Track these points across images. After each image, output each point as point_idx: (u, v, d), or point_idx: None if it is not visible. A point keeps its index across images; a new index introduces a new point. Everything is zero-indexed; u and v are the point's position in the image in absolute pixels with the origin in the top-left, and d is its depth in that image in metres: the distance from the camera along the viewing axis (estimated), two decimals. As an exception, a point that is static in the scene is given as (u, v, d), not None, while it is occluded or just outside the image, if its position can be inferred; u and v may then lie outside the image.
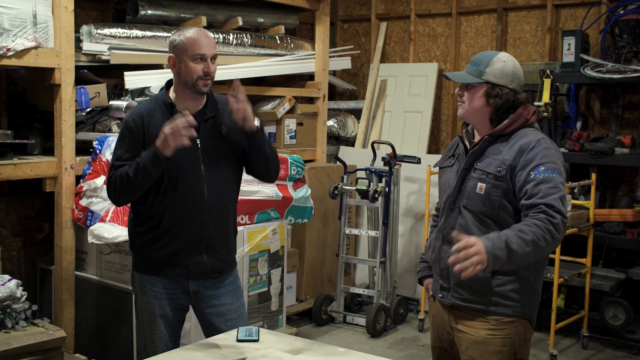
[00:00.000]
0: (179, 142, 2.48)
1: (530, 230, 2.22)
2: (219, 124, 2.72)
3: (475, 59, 2.49)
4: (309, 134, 5.75)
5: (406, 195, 5.65)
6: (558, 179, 2.30)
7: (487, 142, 2.44)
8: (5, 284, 3.65)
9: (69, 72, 3.92)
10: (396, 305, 5.14)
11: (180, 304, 2.78)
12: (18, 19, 3.66)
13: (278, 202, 4.35)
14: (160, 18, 4.83)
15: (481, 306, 2.42)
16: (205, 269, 2.72)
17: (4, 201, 4.39)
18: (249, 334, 2.40)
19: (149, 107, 2.71)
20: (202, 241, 2.70)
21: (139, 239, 2.76)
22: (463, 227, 2.43)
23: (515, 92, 2.44)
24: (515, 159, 2.36)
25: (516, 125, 2.42)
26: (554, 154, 2.36)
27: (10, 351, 3.33)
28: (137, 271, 2.81)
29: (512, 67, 2.45)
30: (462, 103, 2.49)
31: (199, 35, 2.64)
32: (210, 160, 2.69)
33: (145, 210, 2.71)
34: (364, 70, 6.72)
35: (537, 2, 5.64)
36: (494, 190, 2.37)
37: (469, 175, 2.45)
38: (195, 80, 2.61)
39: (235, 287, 2.85)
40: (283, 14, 5.68)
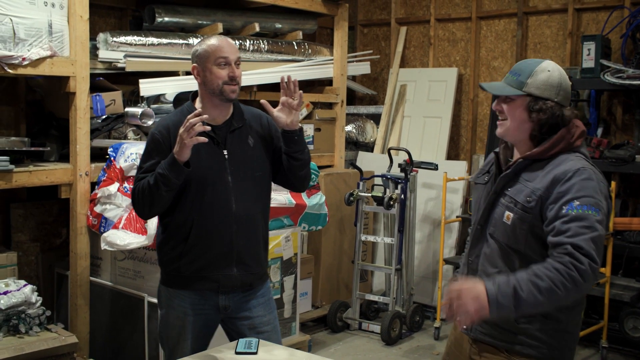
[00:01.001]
0: (194, 140, 2.42)
1: (547, 275, 1.98)
2: (246, 134, 2.69)
3: (515, 69, 2.23)
4: (327, 139, 5.74)
5: (424, 202, 5.61)
6: (594, 217, 2.02)
7: (522, 165, 2.18)
8: (21, 289, 3.71)
9: (84, 80, 3.96)
10: (412, 312, 5.10)
11: (210, 320, 2.71)
12: (34, 28, 3.72)
13: (291, 209, 4.34)
14: (177, 25, 4.87)
15: (505, 344, 2.19)
16: (235, 282, 2.65)
17: (22, 207, 4.45)
18: (247, 347, 2.40)
19: (174, 119, 2.66)
20: (231, 254, 2.64)
21: (167, 253, 2.70)
22: (488, 258, 2.22)
23: (561, 105, 2.15)
24: (547, 190, 2.09)
25: (557, 149, 2.14)
26: (594, 186, 2.07)
27: (22, 357, 3.39)
28: (165, 286, 2.73)
29: (558, 77, 2.17)
30: (503, 120, 2.22)
31: (221, 41, 2.63)
32: (238, 171, 2.65)
33: (173, 223, 2.67)
34: (383, 75, 6.69)
35: (558, 6, 5.55)
36: (521, 223, 2.12)
37: (499, 201, 2.21)
38: (221, 86, 2.58)
39: (267, 299, 2.78)
40: (301, 20, 5.68)
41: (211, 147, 2.61)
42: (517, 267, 2.14)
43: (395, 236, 4.99)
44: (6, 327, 3.57)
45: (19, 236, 4.44)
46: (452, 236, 5.54)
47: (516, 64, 2.27)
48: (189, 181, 2.58)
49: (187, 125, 2.40)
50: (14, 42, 3.65)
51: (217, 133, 2.63)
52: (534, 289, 1.96)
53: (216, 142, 2.63)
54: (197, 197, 2.60)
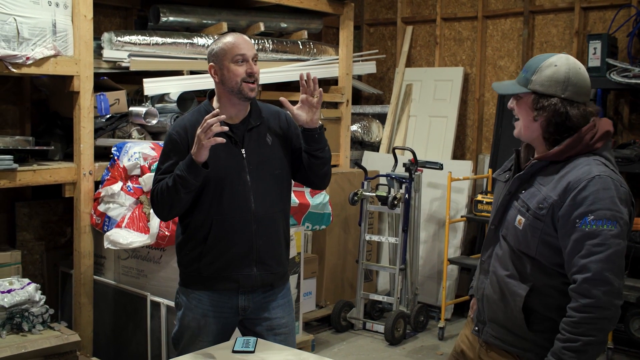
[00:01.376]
0: (212, 140, 2.39)
1: (575, 332, 1.95)
2: (264, 132, 2.66)
3: (526, 65, 2.14)
4: (332, 139, 5.73)
5: (429, 202, 5.60)
6: (608, 232, 1.94)
7: (537, 167, 2.10)
8: (25, 288, 3.72)
9: (88, 80, 3.98)
10: (416, 312, 5.08)
11: (227, 323, 2.69)
12: (38, 28, 3.73)
13: (295, 208, 4.34)
14: (181, 24, 4.88)
15: (516, 349, 2.15)
16: (256, 282, 2.63)
17: (27, 206, 4.48)
18: (245, 345, 2.39)
19: (192, 119, 2.64)
20: (251, 253, 2.61)
21: (187, 254, 2.67)
22: (499, 259, 2.18)
23: (569, 102, 2.03)
24: (560, 198, 2.00)
25: (574, 152, 2.04)
26: (611, 196, 1.96)
27: (25, 355, 3.40)
28: (185, 287, 2.70)
29: (566, 72, 2.05)
30: (517, 120, 2.14)
31: (237, 38, 2.60)
32: (256, 170, 2.62)
33: (192, 224, 2.64)
34: (390, 75, 6.67)
35: (564, 5, 5.52)
36: (533, 229, 2.06)
37: (512, 203, 2.15)
38: (240, 83, 2.54)
39: (287, 301, 2.76)
40: (306, 19, 5.68)
41: (229, 146, 2.57)
42: (528, 271, 2.10)
43: (400, 236, 4.97)
44: (9, 326, 3.59)
45: (24, 235, 4.47)
46: (457, 236, 5.52)
47: (530, 59, 2.18)
48: (207, 181, 2.55)
49: (205, 125, 2.37)
50: (17, 41, 3.66)
51: (234, 132, 2.60)
52: (573, 354, 1.95)
53: (234, 141, 2.60)
54: (215, 197, 2.58)
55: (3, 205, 4.47)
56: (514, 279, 2.12)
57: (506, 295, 2.14)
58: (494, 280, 2.19)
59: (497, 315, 2.18)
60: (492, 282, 2.19)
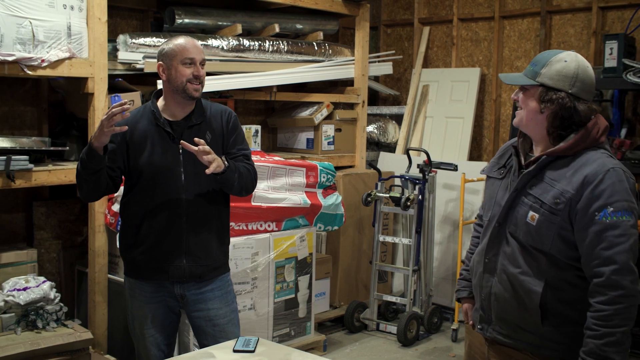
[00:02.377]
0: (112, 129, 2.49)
1: (611, 325, 1.97)
2: (204, 130, 2.79)
3: (534, 59, 2.18)
4: (347, 140, 5.74)
5: (444, 203, 5.58)
6: (628, 222, 2.00)
7: (545, 162, 2.12)
8: (40, 286, 3.80)
9: (102, 81, 4.04)
10: (430, 314, 5.07)
11: (171, 307, 2.84)
12: (53, 30, 3.80)
13: (306, 209, 4.36)
14: (197, 26, 4.92)
15: (526, 345, 2.16)
16: (184, 273, 2.77)
17: (44, 205, 4.55)
18: (246, 345, 2.42)
19: (135, 114, 2.81)
20: (181, 246, 2.75)
21: (123, 243, 2.86)
22: (509, 258, 2.17)
23: (575, 98, 2.08)
24: (577, 192, 2.03)
25: (583, 145, 2.08)
26: (625, 188, 2.02)
27: (38, 351, 3.47)
28: (126, 276, 2.90)
29: (575, 68, 2.09)
30: (520, 109, 2.18)
31: (187, 42, 2.76)
32: (191, 166, 2.75)
33: (127, 214, 2.83)
34: (407, 76, 6.66)
35: (582, 5, 5.47)
36: (548, 224, 2.07)
37: (520, 200, 2.14)
38: (185, 83, 2.70)
39: (225, 292, 2.88)
40: (322, 20, 5.70)
41: (166, 142, 2.74)
42: (541, 267, 2.11)
43: (413, 237, 4.97)
44: (24, 322, 3.67)
45: (42, 234, 4.54)
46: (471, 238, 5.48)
47: (538, 54, 2.22)
48: (141, 173, 2.72)
49: (109, 114, 2.49)
50: (33, 44, 3.73)
51: (174, 128, 2.76)
52: (615, 348, 1.97)
53: (172, 137, 2.74)
54: (148, 190, 2.72)
55: (21, 205, 4.55)
56: (527, 276, 2.12)
57: (519, 293, 2.14)
58: (504, 278, 2.18)
59: (508, 313, 2.18)
60: (502, 281, 2.19)
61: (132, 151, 2.75)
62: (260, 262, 4.06)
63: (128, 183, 2.83)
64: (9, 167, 3.65)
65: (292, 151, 5.68)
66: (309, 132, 5.59)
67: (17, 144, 3.83)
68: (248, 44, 4.98)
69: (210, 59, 4.77)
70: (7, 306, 3.67)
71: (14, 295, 3.68)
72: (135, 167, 2.76)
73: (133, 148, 2.74)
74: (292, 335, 4.34)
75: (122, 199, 2.88)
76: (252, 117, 5.85)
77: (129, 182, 2.83)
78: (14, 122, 4.48)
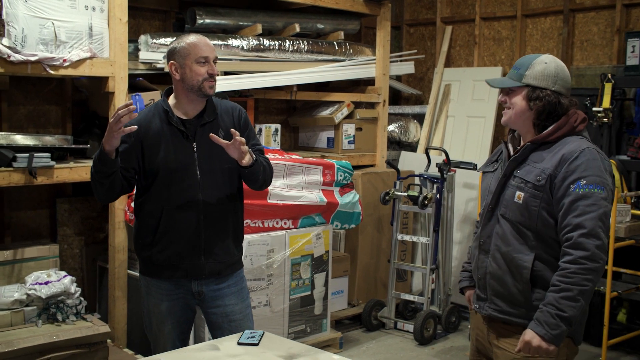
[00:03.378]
0: (121, 131, 2.52)
1: (569, 282, 2.17)
2: (217, 128, 2.81)
3: (516, 63, 2.42)
4: (368, 139, 5.76)
5: (464, 202, 5.56)
6: (599, 194, 2.20)
7: (530, 149, 2.36)
8: (61, 280, 3.89)
9: (123, 81, 4.12)
10: (448, 313, 5.07)
11: (188, 304, 2.87)
12: (74, 31, 3.89)
13: (323, 207, 4.39)
14: (218, 26, 4.99)
15: (519, 320, 2.34)
16: (203, 271, 2.79)
17: (67, 202, 4.66)
18: (251, 338, 2.46)
19: (147, 113, 2.83)
20: (199, 243, 2.77)
21: (140, 242, 2.87)
22: (500, 237, 2.37)
23: (558, 94, 2.32)
24: (556, 169, 2.26)
25: (561, 132, 2.32)
26: (599, 165, 2.25)
27: (57, 343, 3.55)
28: (142, 275, 2.91)
29: (555, 68, 2.35)
30: (507, 109, 2.41)
31: (199, 40, 2.77)
32: (206, 163, 2.77)
33: (144, 213, 2.83)
34: (429, 75, 6.66)
35: (605, 3, 5.41)
36: (533, 200, 2.29)
37: (509, 183, 2.37)
38: (201, 82, 2.72)
39: (240, 288, 2.92)
40: (343, 20, 5.72)
41: (180, 140, 2.75)
42: (530, 244, 2.31)
43: (431, 236, 4.97)
44: (45, 315, 3.76)
45: (65, 230, 4.65)
46: (492, 237, 5.45)
47: (518, 59, 2.44)
48: (157, 173, 2.73)
49: (116, 116, 2.50)
50: (55, 44, 3.83)
51: (187, 127, 2.77)
52: (569, 302, 2.17)
53: (185, 136, 2.76)
54: (164, 187, 2.74)
55: (45, 201, 4.66)
56: (518, 253, 2.32)
57: (511, 269, 2.34)
58: (497, 257, 2.38)
59: (502, 289, 2.37)
60: (495, 259, 2.39)
61: (147, 151, 2.76)
62: (275, 259, 4.11)
63: (143, 183, 2.83)
64: (31, 164, 3.75)
65: (313, 150, 5.72)
66: (329, 131, 5.62)
67: (40, 142, 3.93)
68: (268, 44, 5.03)
69: (230, 58, 4.84)
70: (29, 299, 3.76)
71: (35, 289, 3.77)
72: (150, 167, 2.77)
73: (148, 148, 2.75)
74: (307, 332, 4.38)
75: (137, 199, 2.88)
76: (273, 116, 5.90)
77: (144, 181, 2.82)
78: (39, 121, 4.60)
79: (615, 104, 4.77)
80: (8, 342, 3.41)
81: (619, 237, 4.26)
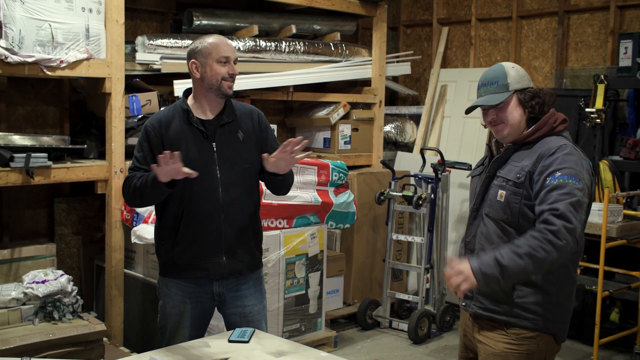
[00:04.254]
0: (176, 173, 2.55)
1: (525, 242, 2.22)
2: (236, 129, 2.83)
3: (487, 80, 2.45)
4: (364, 139, 5.80)
5: (459, 202, 5.60)
6: (574, 185, 2.24)
7: (511, 150, 2.43)
8: (58, 279, 3.93)
9: (119, 82, 4.16)
10: (442, 312, 5.10)
11: (206, 307, 2.85)
12: (71, 33, 3.93)
13: (317, 207, 4.43)
14: (215, 28, 5.03)
15: (502, 317, 2.39)
16: (225, 270, 2.79)
17: (65, 201, 4.71)
18: (241, 335, 2.50)
19: (167, 114, 2.84)
20: (220, 243, 2.77)
21: (162, 243, 2.86)
22: (485, 236, 2.42)
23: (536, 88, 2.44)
24: (534, 165, 2.33)
25: (541, 132, 2.38)
26: (575, 159, 2.31)
27: (53, 341, 3.60)
28: (163, 276, 2.89)
29: (521, 69, 2.47)
30: (502, 124, 2.42)
31: (221, 40, 2.79)
32: (226, 163, 2.78)
33: (166, 214, 2.83)
34: (425, 76, 6.69)
35: (599, 4, 5.44)
36: (514, 197, 2.35)
37: (492, 183, 2.44)
38: (220, 82, 2.74)
39: (259, 289, 2.92)
40: (340, 21, 5.76)
41: (200, 140, 2.77)
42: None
43: (425, 236, 5.00)
44: (42, 314, 3.80)
45: (62, 229, 4.70)
46: (487, 237, 5.49)
47: (481, 77, 2.50)
48: None
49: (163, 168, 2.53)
50: (52, 46, 3.87)
51: (207, 127, 2.79)
52: (514, 255, 2.20)
53: (205, 136, 2.78)
54: (186, 188, 2.73)
55: (43, 201, 4.71)
56: None
57: None
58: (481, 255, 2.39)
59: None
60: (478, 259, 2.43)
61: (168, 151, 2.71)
62: (270, 258, 4.15)
63: None
64: (29, 164, 3.79)
65: (309, 150, 5.75)
66: (325, 131, 5.66)
67: (38, 142, 3.98)
68: (265, 45, 5.07)
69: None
70: (26, 298, 3.80)
71: (32, 287, 3.82)
72: None
73: (169, 148, 2.69)
74: (302, 330, 4.42)
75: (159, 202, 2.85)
76: (270, 116, 5.94)
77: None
78: (37, 121, 4.65)
79: (609, 105, 4.81)
80: (5, 340, 3.45)
81: (611, 237, 4.30)
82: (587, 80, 5.35)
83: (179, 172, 2.53)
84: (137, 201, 2.79)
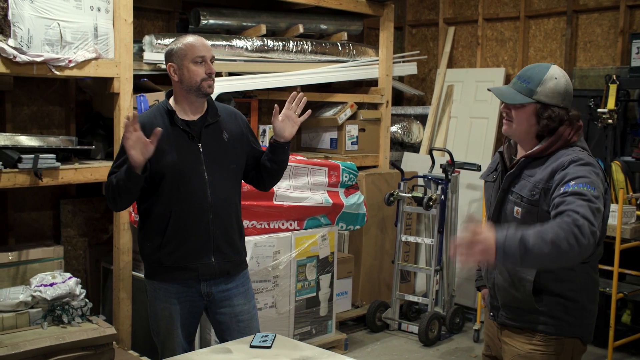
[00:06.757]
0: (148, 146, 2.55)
1: (552, 230, 2.05)
2: (220, 129, 2.84)
3: (524, 75, 2.34)
4: (371, 140, 5.75)
5: (468, 203, 5.56)
6: (591, 192, 2.14)
7: (524, 164, 2.36)
8: (66, 282, 3.87)
9: (128, 81, 4.10)
10: (452, 314, 5.06)
11: (195, 306, 2.86)
12: (80, 32, 3.87)
13: (328, 208, 4.39)
14: (222, 27, 4.98)
15: (529, 325, 2.38)
16: (214, 270, 2.80)
17: (71, 203, 4.64)
18: (263, 341, 2.45)
19: (150, 116, 2.82)
20: (209, 243, 2.78)
21: (148, 245, 2.83)
22: None
23: (566, 110, 2.33)
24: (547, 181, 2.26)
25: (555, 147, 2.31)
26: (588, 170, 2.22)
27: (63, 345, 3.53)
28: (149, 279, 2.88)
29: (565, 84, 2.33)
30: (509, 121, 2.37)
31: (196, 40, 2.78)
32: (212, 164, 2.79)
33: (152, 216, 2.80)
34: (432, 76, 6.65)
35: (609, 4, 5.41)
36: (530, 215, 2.29)
37: (507, 198, 2.38)
38: (199, 82, 2.73)
39: (247, 288, 2.93)
40: (347, 21, 5.72)
41: (186, 141, 2.77)
42: None
43: (435, 237, 4.96)
44: (51, 317, 3.74)
45: (68, 231, 4.64)
46: (495, 238, 5.45)
47: (523, 69, 2.39)
48: (164, 174, 2.73)
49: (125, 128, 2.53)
50: (61, 45, 3.81)
51: (192, 128, 2.78)
52: (539, 240, 2.03)
53: (191, 137, 2.77)
54: (173, 189, 2.73)
55: (49, 202, 4.65)
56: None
57: (515, 282, 2.37)
58: (502, 270, 2.41)
59: (509, 299, 2.40)
60: (501, 272, 2.43)
61: (154, 154, 2.69)
62: (281, 260, 4.10)
63: (150, 186, 2.78)
64: (37, 165, 3.73)
65: (316, 151, 5.71)
66: (332, 132, 5.62)
67: (45, 143, 3.91)
68: (272, 45, 5.02)
69: (234, 59, 4.83)
70: (34, 301, 3.74)
71: (40, 290, 3.76)
72: (158, 170, 2.74)
73: (155, 151, 2.66)
74: (313, 333, 4.37)
75: (142, 203, 2.83)
76: (276, 117, 5.88)
77: (151, 185, 2.77)
78: (43, 122, 4.58)
79: (620, 105, 4.78)
80: (14, 344, 3.39)
81: (624, 239, 4.26)
82: (596, 80, 5.32)
83: (146, 143, 2.53)
84: (117, 199, 2.73)
